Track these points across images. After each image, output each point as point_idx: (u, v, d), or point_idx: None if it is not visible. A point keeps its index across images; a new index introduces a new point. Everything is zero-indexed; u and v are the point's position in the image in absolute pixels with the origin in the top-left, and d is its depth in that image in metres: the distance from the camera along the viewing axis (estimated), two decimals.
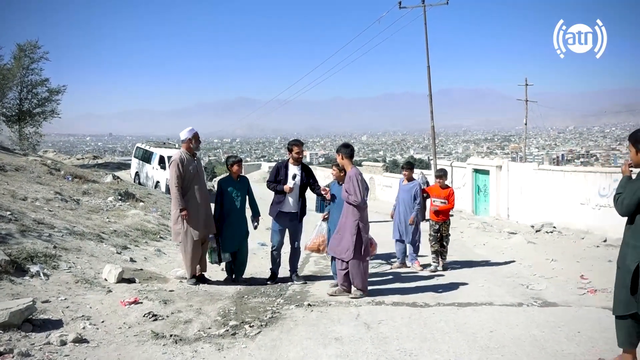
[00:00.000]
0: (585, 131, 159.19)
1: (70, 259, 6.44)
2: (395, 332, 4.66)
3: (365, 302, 5.77)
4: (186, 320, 5.01)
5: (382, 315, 5.22)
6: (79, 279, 5.82)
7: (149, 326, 4.74)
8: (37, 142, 28.88)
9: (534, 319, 5.07)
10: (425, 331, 4.70)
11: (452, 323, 4.94)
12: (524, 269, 7.93)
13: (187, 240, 6.36)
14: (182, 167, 6.33)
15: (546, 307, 5.63)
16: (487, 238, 11.48)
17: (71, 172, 14.78)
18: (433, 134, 23.00)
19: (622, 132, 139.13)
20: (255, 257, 9.27)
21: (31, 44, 27.23)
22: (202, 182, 6.57)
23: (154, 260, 7.85)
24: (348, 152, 6.27)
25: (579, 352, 4.14)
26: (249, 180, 7.35)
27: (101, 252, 7.24)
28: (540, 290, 6.52)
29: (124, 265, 6.88)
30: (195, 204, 6.39)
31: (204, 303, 5.66)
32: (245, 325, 4.88)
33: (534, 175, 15.98)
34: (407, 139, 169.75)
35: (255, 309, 5.51)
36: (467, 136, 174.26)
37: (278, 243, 6.95)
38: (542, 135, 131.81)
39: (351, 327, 4.85)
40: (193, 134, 6.54)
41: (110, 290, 5.70)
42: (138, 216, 10.83)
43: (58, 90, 28.55)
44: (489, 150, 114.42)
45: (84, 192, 12.63)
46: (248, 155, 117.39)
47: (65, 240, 7.16)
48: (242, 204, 6.97)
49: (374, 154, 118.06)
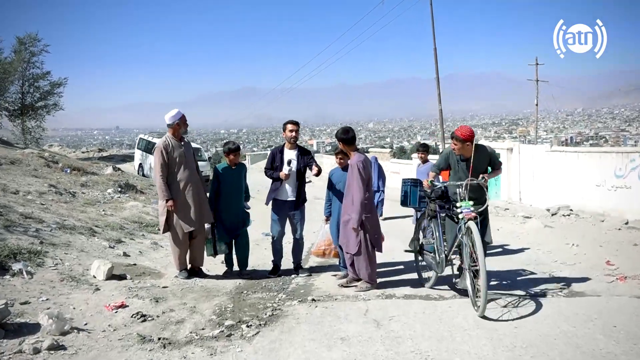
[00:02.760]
0: (594, 113, 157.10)
1: (57, 255, 6.02)
2: (409, 330, 4.19)
3: (375, 296, 5.30)
4: (178, 320, 4.57)
5: (393, 311, 4.74)
6: (65, 276, 5.39)
7: (137, 328, 4.30)
8: (40, 135, 28.58)
9: (562, 312, 4.57)
10: (442, 328, 4.22)
11: (471, 318, 4.45)
12: (544, 255, 7.41)
13: (175, 232, 5.90)
14: (166, 154, 5.83)
15: (573, 298, 5.13)
16: (501, 223, 10.93)
17: (69, 165, 14.41)
18: (441, 117, 22.41)
19: (631, 112, 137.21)
20: (258, 248, 8.82)
21: (31, 37, 26.78)
22: (192, 169, 6.04)
23: (150, 254, 7.42)
24: (348, 139, 5.66)
25: (620, 352, 3.64)
26: (247, 168, 6.89)
27: (92, 247, 6.82)
28: (564, 277, 6.01)
29: (116, 260, 6.46)
30: (184, 192, 5.90)
31: (199, 300, 5.21)
32: (243, 325, 4.42)
33: (547, 157, 15.39)
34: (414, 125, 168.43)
35: (255, 306, 5.06)
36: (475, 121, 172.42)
37: (278, 233, 6.49)
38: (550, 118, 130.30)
39: (359, 324, 4.39)
40: (179, 118, 6.02)
41: (98, 289, 5.27)
42: (136, 208, 10.41)
43: (59, 83, 28.14)
44: (497, 134, 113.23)
45: (82, 184, 12.25)
46: (255, 145, 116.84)
47: (53, 235, 6.74)
48: (239, 192, 6.52)
49: (380, 141, 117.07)
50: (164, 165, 5.81)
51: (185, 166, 5.93)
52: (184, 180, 5.90)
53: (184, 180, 5.90)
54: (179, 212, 5.83)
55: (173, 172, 5.87)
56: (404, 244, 8.57)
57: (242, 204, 6.58)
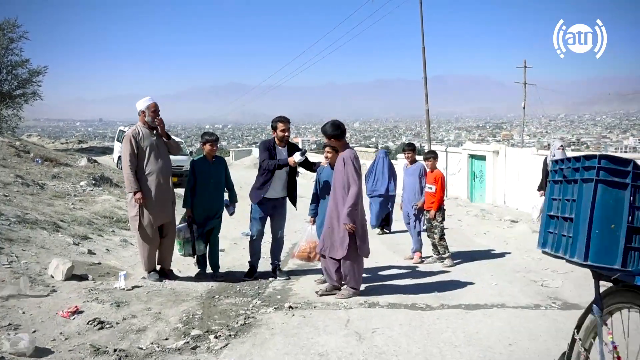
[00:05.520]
0: (576, 119, 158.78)
1: (13, 252, 5.53)
2: (394, 345, 3.80)
3: (357, 304, 4.91)
4: (139, 328, 4.12)
5: (377, 322, 4.36)
6: (19, 276, 4.90)
7: (92, 337, 3.85)
8: (17, 124, 27.75)
9: (559, 327, 4.23)
10: (430, 344, 3.84)
11: (462, 333, 4.08)
12: (533, 262, 7.09)
13: (143, 228, 5.42)
14: (135, 143, 5.37)
15: (568, 310, 4.79)
16: (488, 227, 10.65)
17: (41, 155, 13.80)
18: (428, 118, 22.11)
19: (612, 120, 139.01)
20: (236, 247, 8.41)
21: (10, 23, 25.90)
22: (163, 160, 5.57)
23: (118, 252, 6.94)
24: (338, 134, 5.21)
25: None
26: (226, 162, 6.46)
27: (54, 244, 6.32)
28: (556, 288, 5.69)
29: (79, 258, 5.99)
30: (154, 185, 5.42)
31: (165, 305, 4.76)
32: (210, 335, 4.00)
33: (533, 160, 15.22)
34: (399, 126, 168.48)
35: (226, 313, 4.63)
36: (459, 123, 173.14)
37: (258, 232, 6.06)
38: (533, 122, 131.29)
39: (340, 337, 3.99)
40: (148, 105, 5.56)
41: (54, 290, 4.81)
42: (109, 202, 9.90)
43: (39, 72, 27.33)
44: (481, 137, 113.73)
45: (53, 175, 11.70)
46: (240, 141, 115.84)
47: (12, 230, 6.23)
48: (217, 188, 6.08)
49: (366, 141, 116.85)
50: (132, 155, 5.34)
51: (155, 157, 5.47)
52: (155, 172, 5.43)
53: (154, 172, 5.43)
54: (148, 206, 5.37)
55: (142, 162, 5.41)
56: (386, 245, 8.24)
57: (221, 202, 6.14)
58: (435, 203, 6.94)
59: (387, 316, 4.53)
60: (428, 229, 7.15)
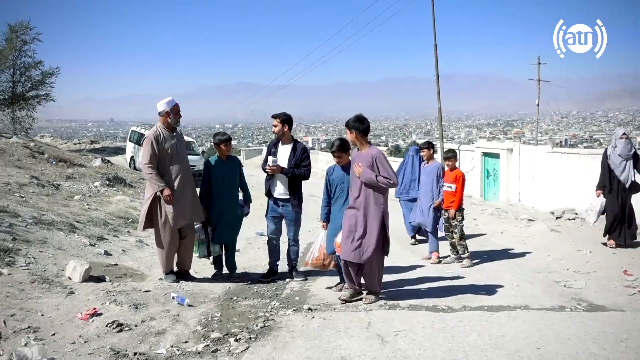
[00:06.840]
0: (588, 116, 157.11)
1: (31, 253, 5.50)
2: (418, 349, 3.72)
3: (377, 305, 4.84)
4: (158, 331, 4.08)
5: (399, 324, 4.27)
6: (37, 278, 4.88)
7: (111, 340, 3.81)
8: (30, 125, 27.99)
9: (587, 329, 4.12)
10: (455, 347, 3.75)
11: (487, 335, 3.99)
12: (554, 262, 6.97)
13: (164, 229, 5.38)
14: (157, 145, 5.33)
15: (594, 312, 4.68)
16: (504, 225, 10.50)
17: (56, 156, 13.85)
18: (440, 115, 21.93)
19: (625, 116, 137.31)
20: (250, 247, 8.36)
21: (23, 25, 26.16)
22: (183, 162, 5.53)
23: (134, 253, 6.92)
24: (363, 128, 4.94)
25: None
26: (240, 162, 6.41)
27: (71, 245, 6.30)
28: (579, 289, 5.56)
29: (95, 259, 5.96)
30: (175, 186, 5.38)
31: (183, 307, 4.72)
32: (231, 338, 3.94)
33: (548, 158, 15.03)
34: (409, 124, 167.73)
35: (245, 315, 4.58)
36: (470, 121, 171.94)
37: (272, 232, 6.01)
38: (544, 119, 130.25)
39: (362, 340, 3.91)
40: (171, 107, 5.52)
41: (72, 292, 4.77)
42: (123, 202, 9.90)
43: (51, 73, 27.60)
44: (492, 135, 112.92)
45: (67, 176, 11.73)
46: (250, 140, 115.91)
47: (29, 231, 6.22)
48: (232, 188, 6.03)
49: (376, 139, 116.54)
50: (153, 156, 5.30)
51: (176, 159, 5.43)
52: (175, 173, 5.39)
53: (174, 173, 5.39)
54: (170, 206, 5.32)
55: (163, 164, 5.37)
56: (403, 246, 8.12)
57: (236, 202, 6.08)
58: (455, 202, 6.84)
59: (409, 318, 4.45)
60: (446, 229, 7.05)
